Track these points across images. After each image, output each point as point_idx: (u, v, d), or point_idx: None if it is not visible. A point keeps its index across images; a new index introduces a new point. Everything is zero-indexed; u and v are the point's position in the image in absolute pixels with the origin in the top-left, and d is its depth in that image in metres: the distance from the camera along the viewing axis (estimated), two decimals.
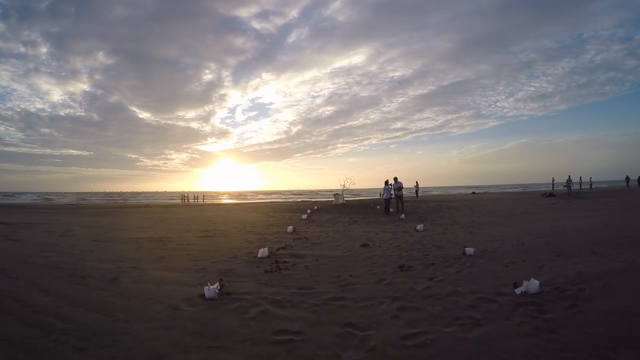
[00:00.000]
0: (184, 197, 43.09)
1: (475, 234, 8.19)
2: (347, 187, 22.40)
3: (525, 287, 3.65)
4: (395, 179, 15.19)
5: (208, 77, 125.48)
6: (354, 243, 7.25)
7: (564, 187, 25.17)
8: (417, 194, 28.30)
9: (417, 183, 29.40)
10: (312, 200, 29.89)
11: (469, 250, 5.75)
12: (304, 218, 12.97)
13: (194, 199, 42.07)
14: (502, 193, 37.54)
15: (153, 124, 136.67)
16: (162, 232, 9.50)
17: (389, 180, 15.28)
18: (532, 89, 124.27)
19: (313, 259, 5.73)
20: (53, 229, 10.12)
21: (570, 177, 24.53)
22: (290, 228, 9.17)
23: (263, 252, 5.90)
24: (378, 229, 9.61)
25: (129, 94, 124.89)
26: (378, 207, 16.79)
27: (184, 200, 39.99)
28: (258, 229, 9.86)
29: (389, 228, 9.85)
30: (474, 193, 39.86)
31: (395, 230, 9.24)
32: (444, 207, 16.76)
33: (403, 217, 12.71)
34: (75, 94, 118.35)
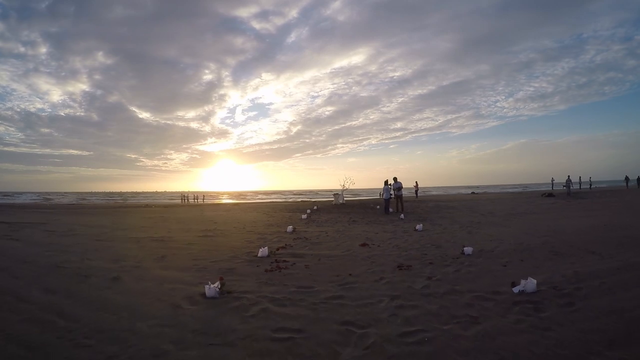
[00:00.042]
0: (184, 197, 43.08)
1: (474, 234, 8.23)
2: (346, 187, 22.37)
3: (523, 285, 3.69)
4: (395, 179, 15.25)
5: (208, 77, 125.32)
6: (354, 243, 7.29)
7: (564, 187, 25.19)
8: (416, 194, 28.36)
9: (416, 183, 29.49)
10: (311, 200, 29.90)
11: (468, 250, 5.79)
12: (304, 218, 13.00)
13: (194, 199, 42.08)
14: (501, 193, 37.56)
15: (153, 124, 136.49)
16: (162, 231, 9.54)
17: (389, 180, 15.34)
18: (531, 89, 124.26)
19: (313, 259, 5.77)
20: (54, 229, 10.17)
21: (570, 177, 24.58)
22: (290, 228, 9.21)
23: (263, 251, 5.94)
24: (377, 229, 9.65)
25: (129, 94, 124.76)
26: (377, 207, 16.82)
27: (184, 200, 39.98)
28: (258, 229, 9.90)
29: (389, 228, 9.89)
30: (474, 193, 39.88)
31: (395, 230, 9.29)
32: (443, 207, 16.80)
33: (402, 217, 12.76)
34: (75, 94, 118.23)
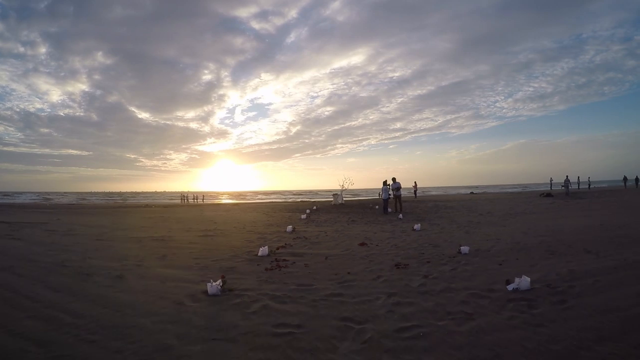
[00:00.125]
0: (184, 197, 43.14)
1: (472, 234, 8.32)
2: (346, 187, 22.46)
3: (517, 283, 3.77)
4: (394, 180, 15.35)
5: (207, 77, 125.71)
6: (352, 242, 7.37)
7: (562, 187, 25.28)
8: (415, 194, 28.47)
9: (415, 183, 29.63)
10: (311, 201, 29.98)
11: (464, 249, 5.88)
12: (303, 218, 13.09)
13: (194, 199, 42.14)
14: (500, 193, 37.65)
15: (152, 124, 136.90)
16: (163, 231, 9.62)
17: (387, 181, 15.43)
18: (531, 89, 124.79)
19: (312, 258, 5.86)
20: (55, 228, 10.24)
21: (568, 177, 24.69)
22: (290, 228, 9.30)
23: (263, 250, 6.03)
24: (376, 229, 9.73)
25: (128, 94, 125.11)
26: (376, 207, 16.91)
27: (184, 200, 40.04)
28: (258, 229, 9.98)
29: (387, 228, 9.98)
30: (472, 193, 39.98)
31: (393, 230, 9.37)
32: (442, 207, 16.88)
33: (401, 217, 12.85)
34: (75, 94, 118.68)
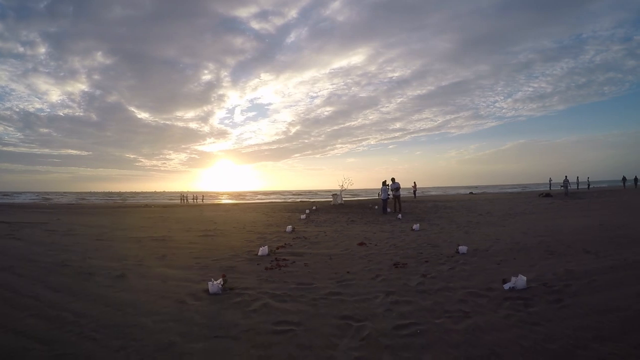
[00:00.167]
0: (183, 197, 43.13)
1: (471, 234, 8.36)
2: (345, 187, 22.50)
3: (513, 282, 3.82)
4: (393, 180, 15.40)
5: (207, 77, 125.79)
6: (352, 242, 7.42)
7: (561, 187, 25.35)
8: (414, 194, 28.54)
9: (414, 183, 29.68)
10: (310, 201, 30.02)
11: (462, 249, 5.92)
12: (303, 218, 13.12)
13: (193, 199, 42.14)
14: (499, 193, 37.72)
15: (151, 124, 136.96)
16: (163, 231, 9.65)
17: (387, 181, 15.48)
18: (531, 90, 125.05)
19: (312, 257, 5.90)
20: (55, 228, 10.27)
21: (567, 177, 24.76)
22: (290, 227, 9.33)
23: (263, 250, 6.07)
24: (375, 229, 9.78)
25: (128, 94, 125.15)
26: (376, 207, 16.95)
27: (183, 201, 40.04)
28: (258, 229, 10.02)
29: (386, 228, 10.02)
30: (472, 193, 40.06)
31: (392, 230, 9.41)
32: (441, 207, 16.93)
33: (400, 217, 12.89)
34: (74, 94, 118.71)
